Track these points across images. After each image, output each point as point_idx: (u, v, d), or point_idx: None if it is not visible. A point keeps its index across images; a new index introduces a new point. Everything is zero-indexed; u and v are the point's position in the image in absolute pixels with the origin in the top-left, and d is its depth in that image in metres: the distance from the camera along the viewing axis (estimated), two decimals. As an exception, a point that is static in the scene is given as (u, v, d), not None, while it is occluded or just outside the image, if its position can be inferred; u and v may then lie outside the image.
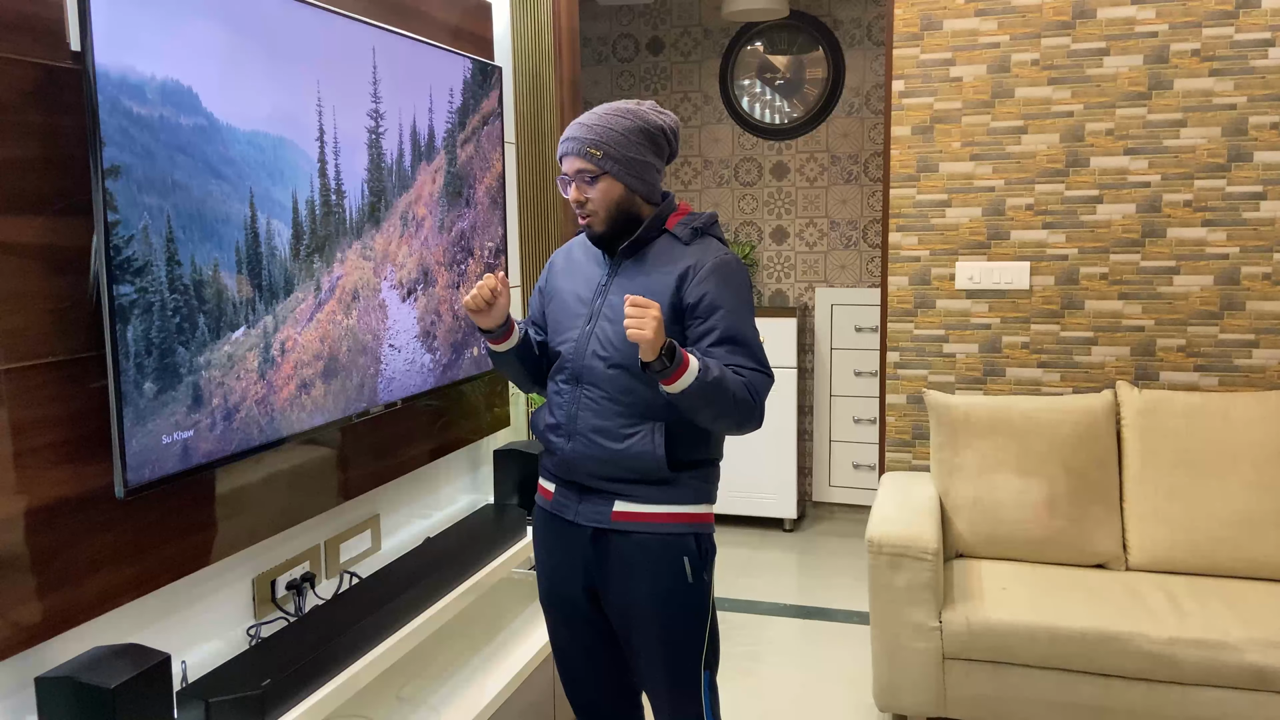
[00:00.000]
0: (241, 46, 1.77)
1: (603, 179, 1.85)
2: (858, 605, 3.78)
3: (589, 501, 1.91)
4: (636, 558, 1.87)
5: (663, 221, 1.92)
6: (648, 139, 1.87)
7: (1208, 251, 3.06)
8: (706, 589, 1.90)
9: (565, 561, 1.96)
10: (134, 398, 1.56)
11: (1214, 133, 3.02)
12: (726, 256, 1.88)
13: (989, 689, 2.63)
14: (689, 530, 1.88)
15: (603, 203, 1.86)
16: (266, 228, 1.84)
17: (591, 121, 1.86)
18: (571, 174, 1.87)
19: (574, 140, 1.85)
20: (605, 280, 1.92)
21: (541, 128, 3.16)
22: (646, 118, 1.87)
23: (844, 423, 4.82)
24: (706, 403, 1.75)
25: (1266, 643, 2.44)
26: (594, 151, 1.83)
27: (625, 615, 1.90)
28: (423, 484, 2.71)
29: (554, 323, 1.99)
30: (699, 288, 1.84)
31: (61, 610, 1.56)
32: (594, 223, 1.89)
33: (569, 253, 2.05)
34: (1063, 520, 2.90)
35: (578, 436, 1.88)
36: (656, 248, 1.91)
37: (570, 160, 1.86)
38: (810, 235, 4.90)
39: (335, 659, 1.89)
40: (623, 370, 1.85)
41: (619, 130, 1.84)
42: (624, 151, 1.84)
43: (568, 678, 2.04)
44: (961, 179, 3.24)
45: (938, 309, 3.30)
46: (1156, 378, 3.13)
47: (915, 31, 3.22)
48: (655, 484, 1.86)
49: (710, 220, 1.95)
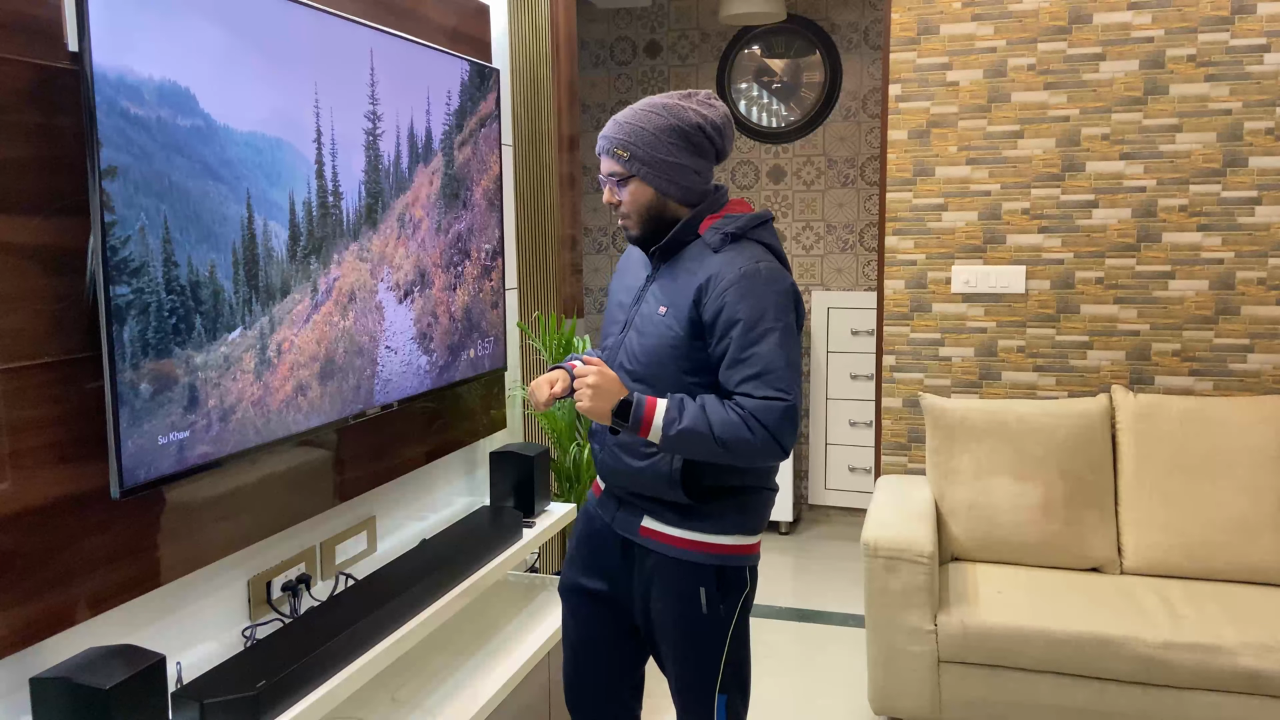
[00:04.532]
0: (239, 48, 1.77)
1: (632, 181, 1.77)
2: (853, 608, 3.78)
3: (624, 512, 1.90)
4: (657, 575, 1.85)
5: (697, 224, 1.80)
6: (682, 138, 1.74)
7: (1203, 256, 3.07)
8: (724, 620, 1.83)
9: (591, 561, 1.96)
10: (130, 398, 1.56)
11: (1209, 138, 3.03)
12: (756, 265, 1.72)
13: (984, 692, 2.63)
14: (711, 561, 1.80)
15: (634, 207, 1.79)
16: (263, 229, 1.84)
17: (624, 119, 1.76)
18: (604, 175, 1.80)
19: (605, 139, 1.78)
20: (644, 287, 1.86)
21: (539, 130, 3.17)
22: (683, 115, 1.74)
23: (840, 426, 4.82)
24: (690, 449, 1.69)
25: (1261, 647, 2.45)
26: (621, 153, 1.75)
27: (648, 624, 1.90)
28: (419, 486, 2.71)
29: (604, 327, 1.96)
30: (715, 302, 1.71)
31: (56, 611, 1.56)
32: (628, 225, 1.82)
33: (630, 253, 1.98)
34: (1058, 524, 2.90)
35: (607, 448, 1.87)
36: (689, 253, 1.80)
37: (604, 161, 1.79)
38: (807, 239, 4.90)
39: (330, 661, 1.89)
40: (645, 386, 1.78)
41: (650, 129, 1.74)
42: (653, 153, 1.74)
43: (569, 666, 2.04)
44: (958, 183, 3.24)
45: (934, 313, 3.30)
46: (1151, 382, 3.14)
47: (912, 36, 3.23)
48: (676, 509, 1.81)
49: (751, 222, 1.79)
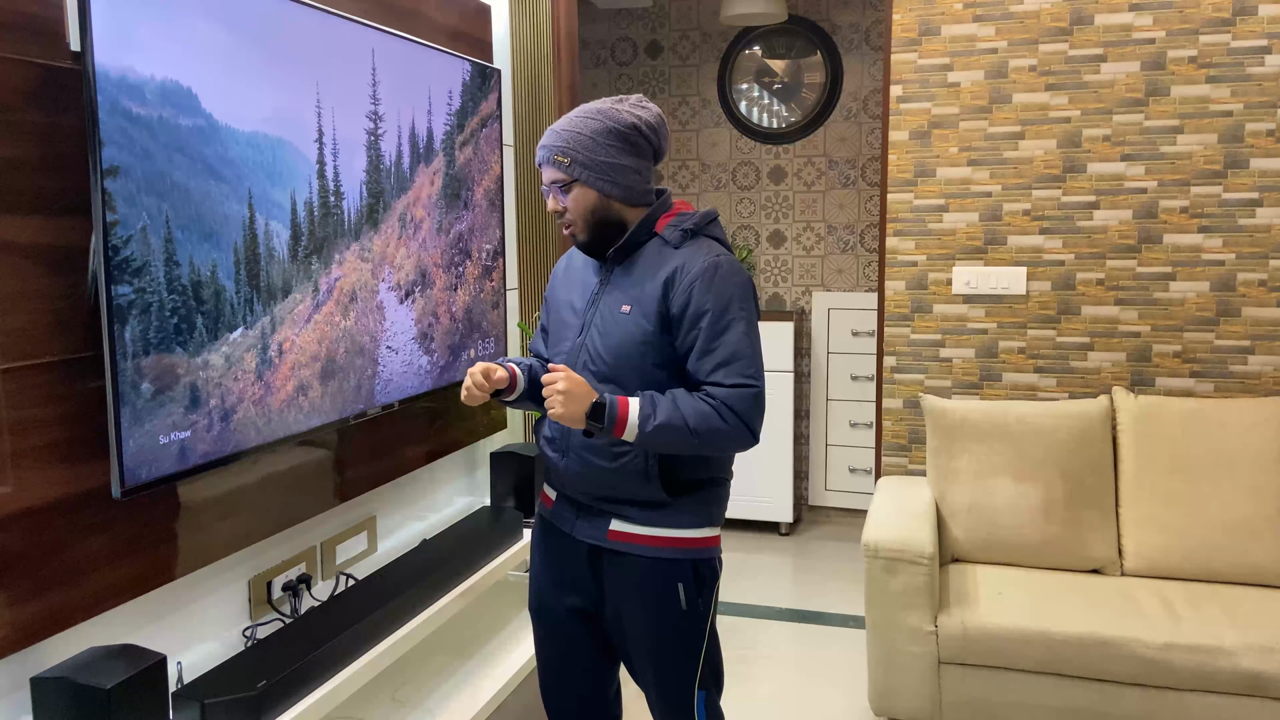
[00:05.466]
0: (241, 48, 1.77)
1: (575, 186, 1.77)
2: (853, 609, 3.78)
3: (586, 518, 1.87)
4: (631, 579, 1.83)
5: (652, 224, 1.82)
6: (620, 139, 1.76)
7: (1204, 258, 3.07)
8: (703, 615, 1.84)
9: (559, 577, 1.92)
10: (131, 398, 1.56)
11: (1210, 139, 3.03)
12: (718, 258, 1.76)
13: (984, 694, 2.63)
14: (686, 556, 1.81)
15: (579, 211, 1.79)
16: (265, 229, 1.84)
17: (561, 127, 1.77)
18: (546, 184, 1.81)
19: (544, 148, 1.78)
20: (598, 289, 1.85)
21: (540, 131, 3.17)
22: (617, 116, 1.76)
23: (840, 427, 4.82)
24: (666, 444, 1.70)
25: (1261, 648, 2.45)
26: (561, 159, 1.76)
27: (620, 632, 1.88)
28: (419, 486, 2.71)
29: (552, 334, 1.94)
30: (683, 295, 1.74)
31: (57, 610, 1.56)
32: (575, 232, 1.82)
33: (570, 260, 1.98)
34: (1058, 525, 2.90)
35: (571, 453, 1.83)
36: (646, 253, 1.82)
37: (545, 170, 1.80)
38: (807, 239, 4.90)
39: (331, 661, 1.89)
40: (613, 384, 1.77)
41: (587, 134, 1.75)
42: (594, 156, 1.75)
43: (546, 687, 2.01)
44: (959, 184, 3.24)
45: (934, 314, 3.30)
46: (1152, 383, 3.14)
47: (913, 37, 3.23)
48: (650, 506, 1.80)
49: (704, 219, 1.83)
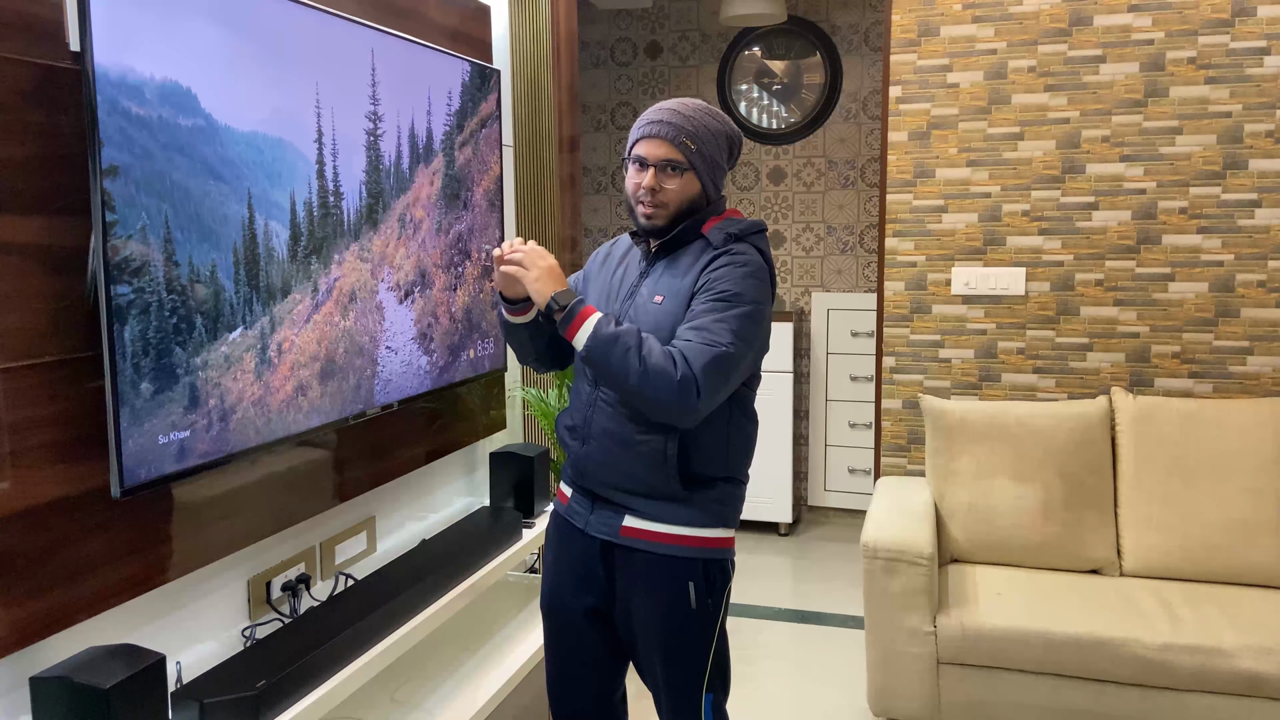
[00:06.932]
0: (240, 48, 1.77)
1: (687, 173, 1.78)
2: (852, 610, 3.78)
3: (600, 512, 1.87)
4: (642, 576, 1.83)
5: (701, 225, 1.83)
6: (729, 145, 1.83)
7: (1203, 259, 3.07)
8: (712, 616, 1.84)
9: (571, 574, 1.93)
10: (131, 398, 1.56)
11: (1209, 140, 3.03)
12: (749, 254, 1.78)
13: (983, 694, 2.63)
14: (698, 555, 1.81)
15: (678, 197, 1.79)
16: (264, 229, 1.84)
17: (688, 113, 1.78)
18: (655, 159, 1.77)
19: (670, 125, 1.76)
20: (637, 281, 1.86)
21: (539, 131, 3.17)
22: (728, 123, 1.83)
23: (840, 427, 4.82)
24: (610, 362, 1.69)
25: (1260, 649, 2.45)
26: (689, 144, 1.76)
27: (630, 630, 1.88)
28: (419, 486, 2.71)
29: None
30: (705, 277, 1.76)
31: (56, 610, 1.56)
32: (658, 217, 1.80)
33: (609, 250, 1.99)
34: (1057, 526, 2.90)
35: (592, 439, 1.84)
36: (689, 251, 1.83)
37: (658, 144, 1.77)
38: (807, 240, 4.91)
39: (330, 661, 1.89)
40: None
41: (710, 130, 1.79)
42: (711, 151, 1.79)
43: (553, 686, 2.01)
44: (958, 185, 3.24)
45: (934, 314, 3.31)
46: (1151, 384, 3.14)
47: (913, 38, 3.23)
48: (666, 500, 1.81)
49: (751, 228, 1.83)
